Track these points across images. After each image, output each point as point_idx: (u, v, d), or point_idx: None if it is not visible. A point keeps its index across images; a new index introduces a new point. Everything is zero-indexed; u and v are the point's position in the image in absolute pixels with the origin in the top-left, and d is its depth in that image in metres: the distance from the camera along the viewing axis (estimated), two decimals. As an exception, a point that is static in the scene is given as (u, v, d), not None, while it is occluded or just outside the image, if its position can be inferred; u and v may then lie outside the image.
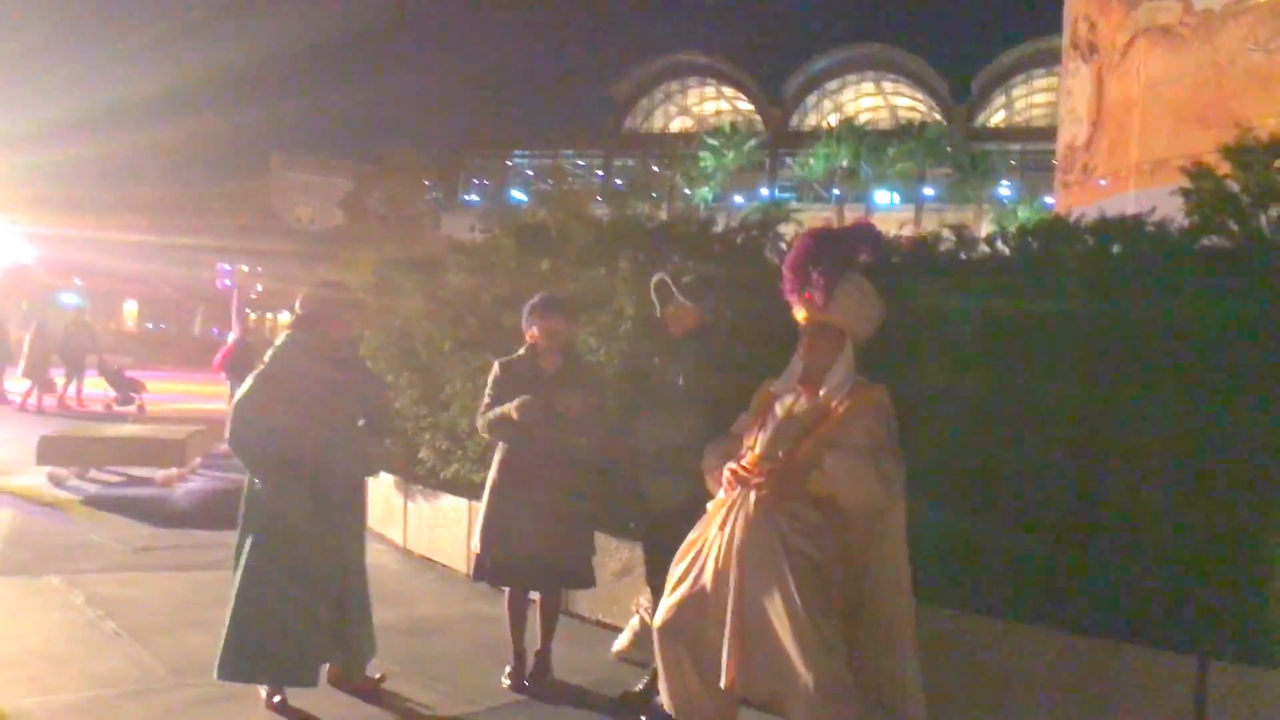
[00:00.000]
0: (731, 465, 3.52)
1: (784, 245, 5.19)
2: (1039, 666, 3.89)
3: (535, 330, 4.65)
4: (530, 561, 4.56)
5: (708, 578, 3.48)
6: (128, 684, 4.45)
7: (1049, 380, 3.99)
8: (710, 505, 3.63)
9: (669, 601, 3.58)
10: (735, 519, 3.44)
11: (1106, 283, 3.86)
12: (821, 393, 3.47)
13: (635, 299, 5.09)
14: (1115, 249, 4.01)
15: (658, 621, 3.60)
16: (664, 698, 3.65)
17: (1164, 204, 4.06)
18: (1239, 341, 3.58)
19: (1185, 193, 3.78)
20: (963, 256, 4.52)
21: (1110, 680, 3.73)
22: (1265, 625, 3.51)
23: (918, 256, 4.63)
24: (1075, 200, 11.82)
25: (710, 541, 3.52)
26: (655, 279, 4.29)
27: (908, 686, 3.43)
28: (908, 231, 5.24)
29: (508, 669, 4.69)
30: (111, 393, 18.79)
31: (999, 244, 4.38)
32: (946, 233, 4.53)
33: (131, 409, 17.83)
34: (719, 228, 5.55)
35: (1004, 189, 49.97)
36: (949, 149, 49.81)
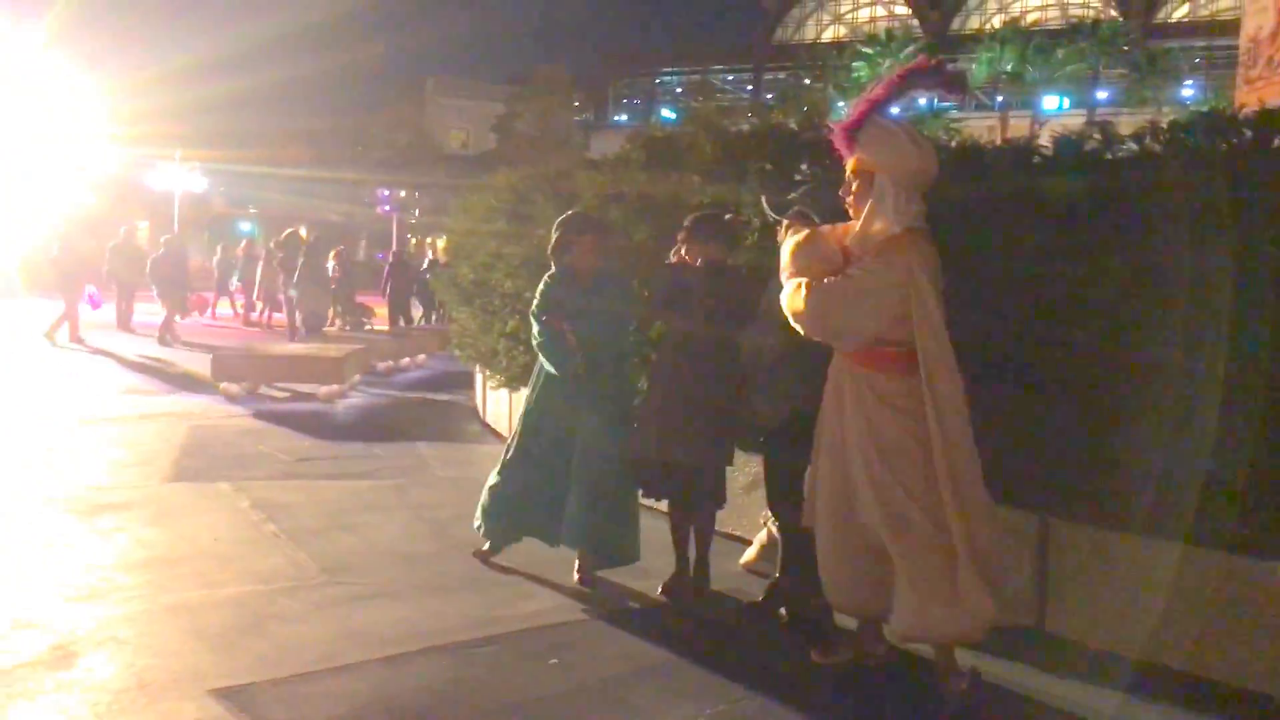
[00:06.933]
0: None
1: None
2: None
3: (687, 252, 4.61)
4: (674, 477, 4.63)
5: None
6: (283, 580, 4.78)
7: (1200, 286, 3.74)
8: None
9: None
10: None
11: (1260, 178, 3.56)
12: (851, 236, 3.55)
13: (760, 210, 4.99)
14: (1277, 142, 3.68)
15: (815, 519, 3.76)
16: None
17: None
18: None
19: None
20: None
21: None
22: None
23: (1061, 155, 4.37)
24: (1260, 97, 10.86)
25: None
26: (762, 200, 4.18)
27: None
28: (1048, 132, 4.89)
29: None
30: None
31: (1148, 140, 4.07)
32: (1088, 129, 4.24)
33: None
34: None
35: (1187, 89, 46.29)
36: (1125, 48, 46.39)
